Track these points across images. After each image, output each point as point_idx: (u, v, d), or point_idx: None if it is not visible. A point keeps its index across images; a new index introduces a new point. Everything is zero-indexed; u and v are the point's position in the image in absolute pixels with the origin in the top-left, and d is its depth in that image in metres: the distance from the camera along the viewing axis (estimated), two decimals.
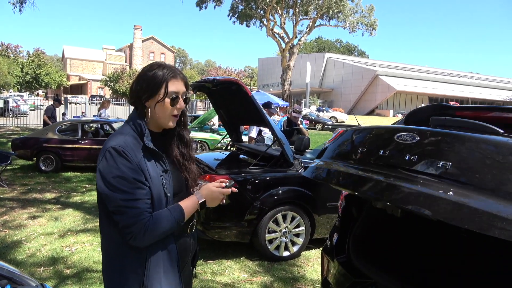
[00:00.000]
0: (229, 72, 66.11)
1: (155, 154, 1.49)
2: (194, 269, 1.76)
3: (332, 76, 53.41)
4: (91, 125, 10.32)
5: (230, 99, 4.88)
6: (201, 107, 36.94)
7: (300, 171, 4.41)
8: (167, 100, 1.49)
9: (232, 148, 5.96)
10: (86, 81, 68.01)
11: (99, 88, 66.14)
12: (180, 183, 1.60)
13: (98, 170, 1.43)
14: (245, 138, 6.56)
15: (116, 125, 9.44)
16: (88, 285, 3.54)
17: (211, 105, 30.51)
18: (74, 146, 8.87)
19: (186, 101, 1.57)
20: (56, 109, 11.61)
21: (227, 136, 5.92)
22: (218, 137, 11.84)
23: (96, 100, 34.34)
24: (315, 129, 25.07)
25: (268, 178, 4.30)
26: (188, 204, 1.51)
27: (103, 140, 9.29)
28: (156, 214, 1.43)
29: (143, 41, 76.12)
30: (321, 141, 6.41)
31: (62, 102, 16.81)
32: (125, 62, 75.94)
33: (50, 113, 11.16)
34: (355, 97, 48.79)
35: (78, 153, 8.90)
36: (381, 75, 46.66)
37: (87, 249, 4.39)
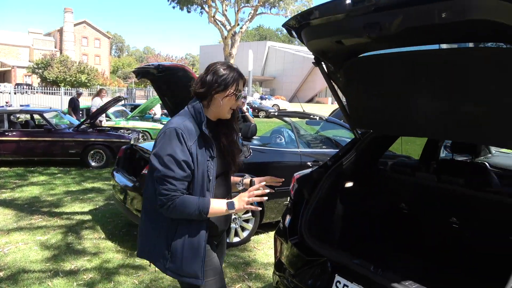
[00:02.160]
0: (170, 60, 64.20)
1: (207, 140, 1.73)
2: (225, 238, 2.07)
3: (274, 64, 54.10)
4: (18, 115, 9.48)
5: (176, 86, 4.73)
6: (141, 95, 35.52)
7: (248, 157, 4.42)
8: (233, 96, 1.76)
9: None
10: (9, 68, 62.15)
11: (26, 75, 60.80)
12: (224, 166, 1.86)
13: (156, 144, 1.69)
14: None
15: (48, 115, 8.72)
16: (25, 287, 3.29)
17: (151, 94, 29.47)
18: (0, 138, 8.09)
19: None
20: None
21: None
22: (161, 126, 11.47)
23: (23, 88, 31.58)
24: (259, 116, 25.36)
25: None
26: (217, 201, 1.73)
27: (35, 132, 8.58)
28: (185, 197, 1.66)
29: (75, 25, 70.93)
30: (266, 128, 6.48)
31: None
32: (55, 48, 70.45)
33: None
34: (296, 85, 49.93)
35: (4, 146, 8.14)
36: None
37: (22, 249, 4.06)
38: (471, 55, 1.78)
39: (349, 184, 2.69)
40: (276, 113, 5.98)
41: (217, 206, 1.71)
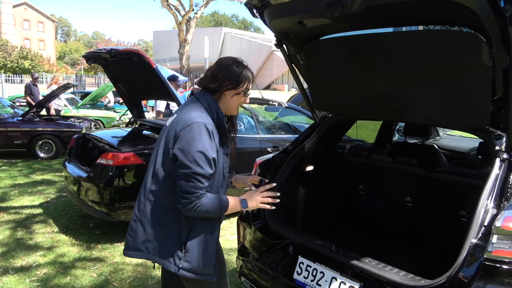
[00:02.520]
0: (122, 45, 61.57)
1: (225, 138, 1.74)
2: None
3: (230, 51, 53.54)
4: None
5: (131, 71, 4.56)
6: (91, 83, 33.91)
7: None
8: (242, 94, 1.76)
9: (134, 125, 5.62)
10: None
11: None
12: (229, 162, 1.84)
13: (182, 138, 1.61)
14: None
15: None
16: None
17: (103, 81, 28.06)
18: None
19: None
20: None
21: (127, 113, 5.56)
22: (115, 115, 11.03)
23: None
24: None
25: None
26: (231, 198, 1.74)
27: None
28: (210, 196, 1.64)
29: (14, 6, 65.78)
30: None
31: None
32: None
33: None
34: (253, 72, 49.81)
35: None
36: (277, 51, 48.15)
37: None
38: (421, 37, 1.86)
39: (309, 168, 2.75)
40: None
41: (233, 203, 1.74)
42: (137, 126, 5.45)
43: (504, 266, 1.54)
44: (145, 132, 5.10)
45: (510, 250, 1.54)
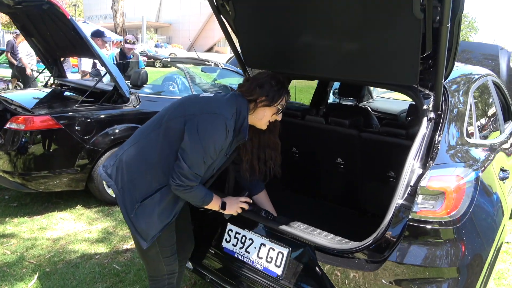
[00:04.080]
0: None
1: (235, 143, 1.80)
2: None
3: (170, 10, 50.75)
4: None
5: (45, 23, 4.00)
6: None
7: (138, 106, 4.05)
8: (276, 109, 1.82)
9: (53, 85, 5.05)
10: None
11: None
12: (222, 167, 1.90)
13: (200, 122, 1.64)
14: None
15: None
16: None
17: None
18: None
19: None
20: None
21: (44, 71, 4.97)
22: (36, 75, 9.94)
23: None
24: (155, 66, 23.86)
25: (100, 116, 3.81)
26: (214, 199, 1.81)
27: None
28: (201, 187, 1.73)
29: None
30: (157, 76, 6.00)
31: None
32: None
33: None
34: (194, 33, 47.93)
35: None
36: None
37: None
38: None
39: None
40: (168, 60, 5.56)
41: (214, 202, 1.80)
42: (57, 87, 4.90)
43: (428, 226, 1.53)
44: (66, 93, 4.61)
45: (434, 210, 1.53)
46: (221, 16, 2.20)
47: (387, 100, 5.09)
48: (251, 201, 1.95)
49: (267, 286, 1.86)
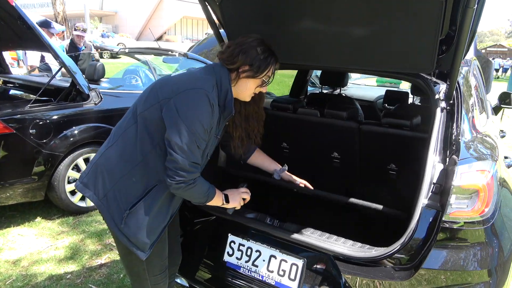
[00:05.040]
0: None
1: (223, 120, 1.58)
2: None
3: None
4: None
5: None
6: None
7: (99, 103, 3.65)
8: (261, 81, 1.57)
9: None
10: None
11: None
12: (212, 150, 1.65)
13: (177, 101, 1.41)
14: None
15: None
16: None
17: None
18: None
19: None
20: None
21: None
22: None
23: None
24: (103, 57, 22.55)
25: (57, 116, 3.39)
26: (219, 194, 1.60)
27: None
28: (202, 179, 1.49)
29: None
30: (115, 70, 5.52)
31: None
32: None
33: None
34: (141, 22, 45.94)
35: None
36: None
37: None
38: None
39: None
40: (126, 50, 5.12)
41: (217, 196, 1.59)
42: (1, 85, 4.34)
43: (463, 228, 1.41)
44: (13, 91, 4.09)
45: (468, 210, 1.41)
46: (205, 2, 1.95)
47: (361, 86, 5.04)
48: (249, 193, 1.75)
49: None
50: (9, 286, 2.55)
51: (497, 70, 29.89)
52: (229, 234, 1.84)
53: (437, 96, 1.76)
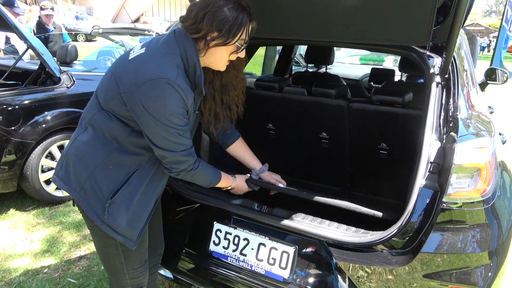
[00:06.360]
0: None
1: (198, 96, 1.41)
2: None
3: None
4: None
5: None
6: None
7: (72, 87, 3.43)
8: (235, 47, 1.36)
9: None
10: None
11: None
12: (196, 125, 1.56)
13: (140, 97, 1.25)
14: None
15: None
16: None
17: None
18: None
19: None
20: None
21: None
22: None
23: None
24: (77, 40, 21.74)
25: (27, 101, 3.17)
26: (225, 175, 1.59)
27: None
28: (202, 161, 1.45)
29: None
30: (87, 52, 5.26)
31: None
32: None
33: None
34: (117, 3, 44.45)
35: None
36: None
37: None
38: None
39: None
40: (100, 30, 4.86)
41: (226, 180, 1.61)
42: None
43: (463, 208, 1.33)
44: None
45: (469, 190, 1.33)
46: None
47: (345, 65, 4.93)
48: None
49: None
50: None
51: None
52: (215, 222, 1.72)
53: (432, 71, 1.66)
